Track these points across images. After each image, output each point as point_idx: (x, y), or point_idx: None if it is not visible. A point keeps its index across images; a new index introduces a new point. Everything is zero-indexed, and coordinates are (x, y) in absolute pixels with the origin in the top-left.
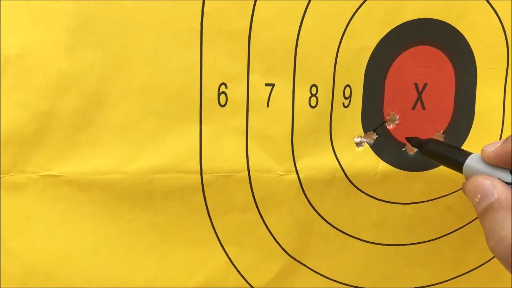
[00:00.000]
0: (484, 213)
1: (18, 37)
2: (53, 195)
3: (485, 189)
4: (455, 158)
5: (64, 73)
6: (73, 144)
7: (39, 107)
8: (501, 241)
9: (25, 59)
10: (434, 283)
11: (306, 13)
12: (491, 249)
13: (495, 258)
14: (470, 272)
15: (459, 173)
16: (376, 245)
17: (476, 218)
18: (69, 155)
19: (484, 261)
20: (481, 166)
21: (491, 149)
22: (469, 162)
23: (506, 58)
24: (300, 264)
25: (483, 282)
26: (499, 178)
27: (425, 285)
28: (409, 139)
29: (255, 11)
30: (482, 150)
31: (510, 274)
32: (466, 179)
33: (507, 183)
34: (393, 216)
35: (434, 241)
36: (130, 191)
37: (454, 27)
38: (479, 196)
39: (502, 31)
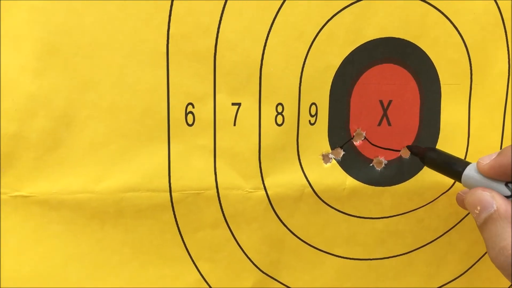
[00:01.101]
0: (484, 224)
1: None
2: (24, 215)
3: (484, 201)
4: (455, 168)
5: (32, 96)
6: (42, 165)
7: (8, 129)
8: (501, 251)
9: None
10: None
11: (270, 34)
12: (492, 260)
13: (467, 272)
14: (445, 286)
15: (426, 189)
16: (348, 260)
17: (447, 231)
18: (38, 176)
19: (457, 275)
20: (479, 177)
21: (486, 162)
22: (467, 173)
23: (469, 74)
24: (273, 279)
25: None
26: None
27: None
28: (409, 148)
29: (219, 33)
30: (477, 162)
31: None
32: (465, 187)
33: (506, 196)
34: (364, 231)
35: (406, 255)
36: (100, 210)
37: (416, 45)
38: (479, 208)
39: (464, 48)
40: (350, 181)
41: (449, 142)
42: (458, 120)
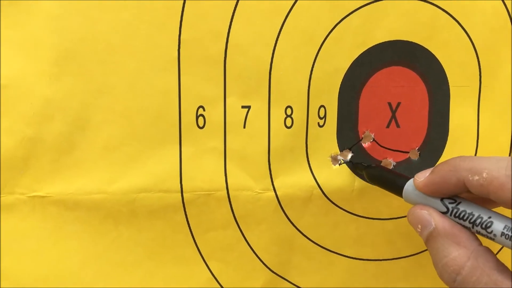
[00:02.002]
0: (427, 242)
1: (5, 68)
2: (41, 215)
3: (423, 220)
4: (396, 184)
5: (49, 101)
6: (58, 167)
7: (25, 133)
8: (444, 268)
9: (12, 88)
10: None
11: (279, 38)
12: (439, 276)
13: None
14: None
15: None
16: (358, 260)
17: None
18: (55, 177)
19: None
20: (417, 193)
21: (420, 179)
22: (407, 188)
23: (479, 76)
24: (283, 279)
25: None
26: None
27: None
28: (354, 165)
29: (229, 38)
30: (414, 179)
31: None
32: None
33: (443, 212)
34: (373, 232)
35: (415, 256)
36: (114, 210)
37: (425, 48)
38: (419, 226)
39: (473, 50)
40: (358, 182)
41: (458, 145)
42: (467, 122)
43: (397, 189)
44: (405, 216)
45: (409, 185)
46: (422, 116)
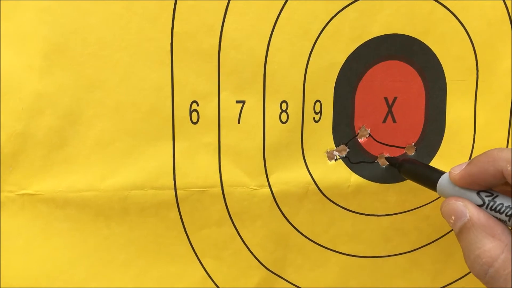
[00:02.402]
0: (460, 233)
1: None
2: (31, 213)
3: (457, 211)
4: (430, 178)
5: (39, 95)
6: (49, 163)
7: (15, 128)
8: (476, 260)
9: (0, 82)
10: None
11: (274, 32)
12: (469, 268)
13: None
14: (451, 285)
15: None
16: (353, 257)
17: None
18: (45, 174)
19: (464, 273)
20: (452, 187)
21: (457, 172)
22: (441, 182)
23: (476, 71)
24: (278, 277)
25: None
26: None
27: None
28: (388, 159)
29: (223, 31)
30: (449, 172)
31: None
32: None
33: (478, 205)
34: (369, 228)
35: (411, 252)
36: (105, 208)
37: (422, 42)
38: (453, 217)
39: (471, 45)
40: (354, 178)
41: (454, 140)
42: (464, 117)
43: (431, 183)
44: (400, 213)
45: (443, 178)
46: (418, 111)
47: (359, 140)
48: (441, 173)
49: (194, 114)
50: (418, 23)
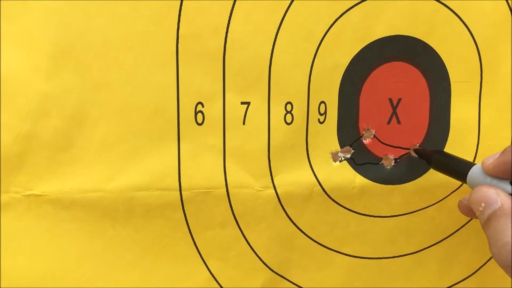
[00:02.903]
0: (488, 221)
1: (1, 63)
2: (37, 214)
3: (489, 198)
4: (461, 169)
5: (45, 96)
6: (55, 164)
7: (21, 129)
8: (504, 247)
9: (7, 83)
10: None
11: (279, 34)
12: (494, 256)
13: (479, 271)
14: (456, 285)
15: (436, 187)
16: (358, 259)
17: (458, 230)
18: (51, 175)
19: (469, 274)
20: (483, 177)
21: (490, 161)
22: (472, 173)
23: (480, 72)
24: (283, 278)
25: None
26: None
27: None
28: (416, 151)
29: (228, 33)
30: (482, 162)
31: (495, 286)
32: (471, 188)
33: (510, 194)
34: (374, 229)
35: (416, 253)
36: (111, 209)
37: (426, 43)
38: (483, 204)
39: (475, 45)
40: (359, 180)
41: (459, 140)
42: (468, 118)
43: (462, 174)
44: (405, 214)
45: (475, 169)
46: (423, 112)
47: (363, 141)
48: (471, 164)
49: (199, 115)
50: (422, 24)
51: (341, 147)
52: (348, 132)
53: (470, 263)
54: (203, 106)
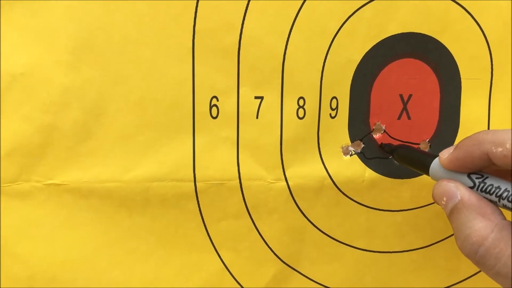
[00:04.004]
0: (451, 214)
1: (23, 57)
2: (56, 202)
3: (449, 192)
4: (423, 162)
5: (66, 89)
6: (74, 155)
7: (42, 120)
8: (466, 239)
9: (29, 76)
10: None
11: (292, 30)
12: (460, 249)
13: None
14: (466, 281)
15: None
16: (368, 252)
17: None
18: (70, 165)
19: (477, 271)
20: (443, 170)
21: (445, 156)
22: (434, 166)
23: (490, 69)
24: (293, 270)
25: None
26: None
27: None
28: (382, 146)
29: (243, 29)
30: (438, 157)
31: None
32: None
33: (470, 187)
34: (383, 223)
35: (426, 248)
36: (128, 199)
37: (437, 40)
38: (445, 199)
39: (486, 43)
40: (369, 173)
41: None
42: (478, 115)
43: (424, 168)
44: (414, 208)
45: (435, 163)
46: (433, 108)
47: (374, 136)
48: (433, 157)
49: (214, 109)
50: (434, 22)
51: (352, 141)
52: (359, 127)
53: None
54: (217, 100)
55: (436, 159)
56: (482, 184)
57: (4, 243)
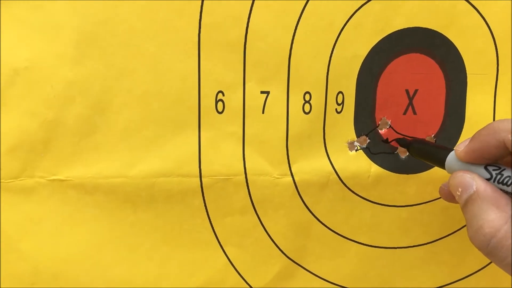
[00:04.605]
0: (465, 205)
1: (27, 51)
2: (60, 198)
3: (465, 183)
4: (438, 156)
5: (70, 83)
6: (78, 150)
7: (46, 115)
8: (479, 230)
9: (33, 70)
10: (433, 287)
11: (299, 24)
12: (471, 239)
13: (493, 264)
14: (470, 276)
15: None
16: (373, 248)
17: None
18: (75, 160)
19: (483, 265)
20: (460, 163)
21: (461, 149)
22: (449, 159)
23: (496, 65)
24: (298, 266)
25: (484, 286)
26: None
27: None
28: (398, 140)
29: (249, 23)
30: (454, 150)
31: (510, 278)
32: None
33: (486, 179)
34: (388, 219)
35: (430, 244)
36: (133, 195)
37: (444, 35)
38: (460, 189)
39: (492, 38)
40: (374, 169)
41: (474, 132)
42: (483, 110)
43: (441, 162)
44: (419, 204)
45: (451, 156)
46: (439, 103)
47: (379, 131)
48: (449, 150)
49: (220, 104)
50: (440, 16)
51: (358, 136)
52: (365, 122)
53: (483, 255)
54: (223, 95)
55: (452, 152)
56: (499, 176)
57: (7, 240)
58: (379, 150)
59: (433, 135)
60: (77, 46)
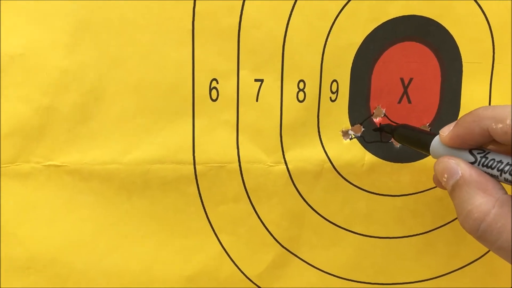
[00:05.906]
0: (452, 191)
1: (22, 38)
2: (56, 184)
3: (450, 169)
4: (423, 141)
5: (64, 71)
6: (74, 136)
7: (41, 102)
8: (468, 215)
9: (28, 57)
10: (429, 277)
11: (293, 12)
12: (461, 225)
13: (488, 254)
14: (466, 267)
15: None
16: (367, 238)
17: None
18: (70, 147)
19: (479, 256)
20: (444, 148)
21: (445, 133)
22: (434, 144)
23: (492, 53)
24: (292, 255)
25: (479, 276)
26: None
27: (420, 279)
28: (383, 126)
29: (243, 11)
30: (439, 134)
31: (507, 268)
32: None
33: (471, 163)
34: (383, 209)
35: (425, 234)
36: (127, 181)
37: (439, 23)
38: (446, 175)
39: (488, 26)
40: (369, 157)
41: None
42: (479, 99)
43: (425, 146)
44: (414, 193)
45: (436, 141)
46: (434, 92)
47: (374, 120)
48: (434, 135)
49: (214, 92)
50: (436, 4)
51: (352, 125)
52: (359, 110)
53: (478, 245)
54: (217, 83)
55: (437, 137)
56: (483, 159)
57: (4, 224)
58: (374, 139)
59: (428, 124)
60: (71, 34)
